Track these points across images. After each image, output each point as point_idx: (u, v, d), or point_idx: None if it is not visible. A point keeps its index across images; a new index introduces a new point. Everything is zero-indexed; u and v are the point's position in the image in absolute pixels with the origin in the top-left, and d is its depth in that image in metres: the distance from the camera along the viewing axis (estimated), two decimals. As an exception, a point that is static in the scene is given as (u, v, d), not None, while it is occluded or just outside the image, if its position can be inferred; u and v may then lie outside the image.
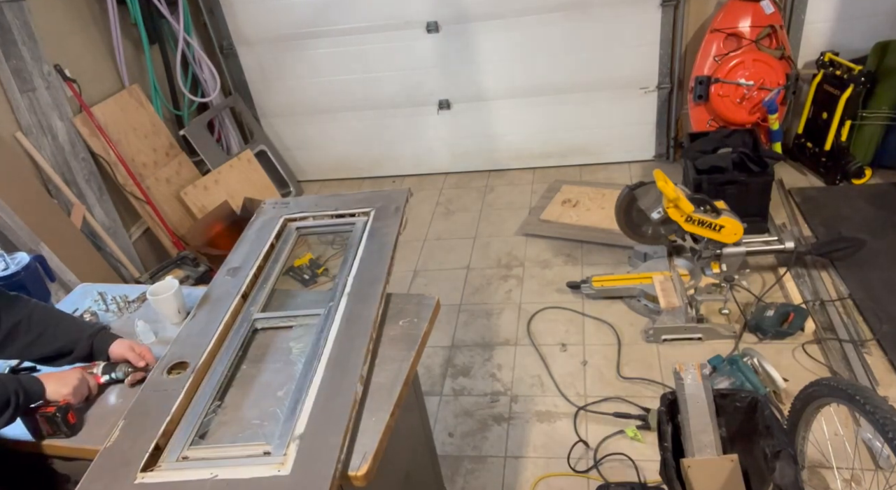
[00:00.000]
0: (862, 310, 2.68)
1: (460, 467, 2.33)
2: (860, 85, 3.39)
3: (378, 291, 1.60)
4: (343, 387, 1.34)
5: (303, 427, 1.26)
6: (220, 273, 1.80)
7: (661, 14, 3.71)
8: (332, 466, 1.16)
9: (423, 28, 3.95)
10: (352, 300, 1.60)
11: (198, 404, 1.40)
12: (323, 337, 1.49)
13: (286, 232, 1.99)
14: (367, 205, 2.00)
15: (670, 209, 2.68)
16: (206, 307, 1.68)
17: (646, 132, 4.15)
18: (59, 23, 3.31)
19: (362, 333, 1.48)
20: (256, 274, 1.79)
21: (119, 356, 1.57)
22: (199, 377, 1.47)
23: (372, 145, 4.45)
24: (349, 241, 1.88)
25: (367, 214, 1.96)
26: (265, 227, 1.99)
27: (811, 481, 2.03)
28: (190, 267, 3.46)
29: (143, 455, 1.26)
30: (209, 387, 1.44)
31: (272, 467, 1.18)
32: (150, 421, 1.34)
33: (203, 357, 1.50)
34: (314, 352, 1.46)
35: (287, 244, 1.94)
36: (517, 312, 3.06)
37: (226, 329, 1.60)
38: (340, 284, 1.67)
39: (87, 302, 1.89)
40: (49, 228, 2.97)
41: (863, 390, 1.53)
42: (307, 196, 2.20)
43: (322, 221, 2.02)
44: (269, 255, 1.87)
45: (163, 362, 1.51)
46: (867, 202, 3.39)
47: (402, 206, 1.96)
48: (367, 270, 1.70)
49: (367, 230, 1.87)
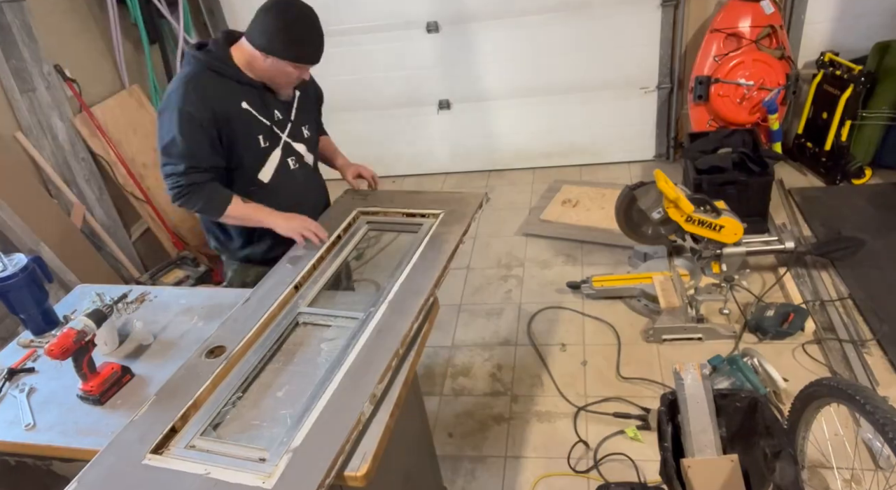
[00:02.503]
0: (862, 310, 2.68)
1: (460, 467, 2.33)
2: (860, 85, 3.39)
3: (418, 305, 1.57)
4: (352, 404, 1.31)
5: (300, 439, 1.24)
6: (283, 259, 1.85)
7: (661, 14, 3.71)
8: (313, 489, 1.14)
9: (424, 28, 3.95)
10: (390, 309, 1.58)
11: (221, 393, 1.42)
12: (352, 344, 1.48)
13: (357, 224, 2.01)
14: (439, 206, 1.99)
15: (670, 209, 2.68)
16: (260, 293, 1.70)
17: (646, 132, 4.15)
18: (59, 23, 3.31)
19: (389, 348, 1.45)
20: (315, 264, 1.81)
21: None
22: (230, 365, 1.49)
23: (372, 145, 4.46)
24: (407, 245, 1.86)
25: (436, 217, 1.95)
26: (338, 216, 2.01)
27: (811, 481, 2.02)
28: (190, 267, 3.46)
29: (157, 436, 1.29)
30: (237, 377, 1.46)
31: (259, 477, 1.18)
32: (175, 402, 1.37)
33: (239, 345, 1.52)
34: (339, 359, 1.45)
35: (354, 237, 1.96)
36: (517, 312, 3.05)
37: (270, 319, 1.62)
38: (386, 289, 1.65)
39: (86, 302, 1.89)
40: (49, 228, 2.97)
41: (863, 390, 1.53)
42: (385, 190, 2.23)
43: (392, 218, 2.03)
44: (333, 246, 1.89)
45: (204, 344, 1.54)
46: (867, 202, 3.39)
47: (470, 213, 1.95)
48: (414, 279, 1.68)
49: (430, 235, 1.86)
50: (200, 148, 1.78)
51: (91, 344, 1.51)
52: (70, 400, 1.52)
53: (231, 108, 1.81)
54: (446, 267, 1.72)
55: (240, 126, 1.83)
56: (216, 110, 1.78)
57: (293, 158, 1.98)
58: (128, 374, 1.57)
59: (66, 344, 1.45)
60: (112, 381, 1.52)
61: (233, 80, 1.82)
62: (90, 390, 1.49)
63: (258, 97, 1.86)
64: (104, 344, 1.66)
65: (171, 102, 1.77)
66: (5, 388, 1.60)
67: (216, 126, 1.79)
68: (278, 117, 1.92)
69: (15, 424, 1.48)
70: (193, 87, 1.77)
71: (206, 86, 1.78)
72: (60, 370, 1.59)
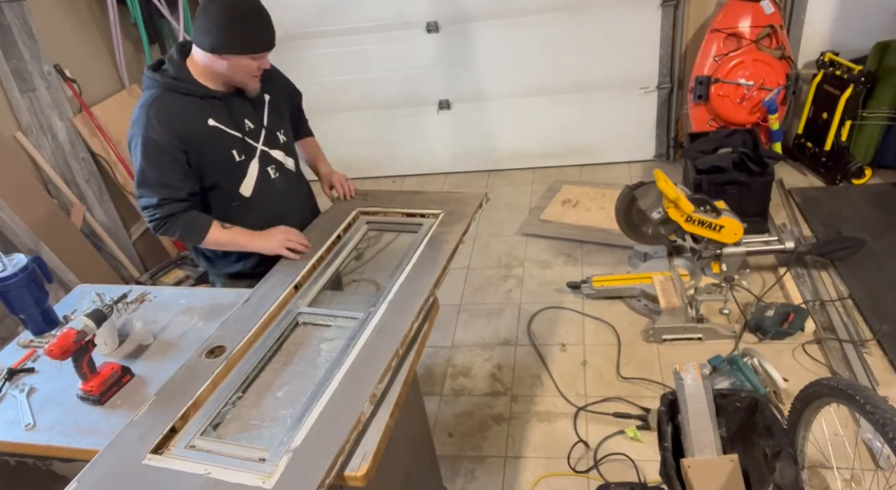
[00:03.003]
0: (862, 310, 2.68)
1: (460, 467, 2.33)
2: (860, 85, 3.39)
3: (418, 305, 1.57)
4: (352, 403, 1.31)
5: (301, 439, 1.24)
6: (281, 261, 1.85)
7: (661, 14, 3.71)
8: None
9: (423, 28, 3.95)
10: (390, 309, 1.58)
11: (221, 393, 1.42)
12: (352, 344, 1.48)
13: (357, 224, 2.01)
14: (439, 206, 1.99)
15: (670, 209, 2.69)
16: (260, 293, 1.70)
17: (646, 132, 4.15)
18: (59, 23, 3.31)
19: (389, 348, 1.45)
20: (316, 264, 1.81)
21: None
22: (230, 365, 1.49)
23: (372, 145, 4.45)
24: (407, 245, 1.86)
25: (435, 217, 1.95)
26: (338, 216, 2.01)
27: (811, 481, 2.03)
28: (190, 267, 3.46)
29: (157, 436, 1.29)
30: (237, 377, 1.46)
31: (259, 477, 1.18)
32: (175, 402, 1.37)
33: (239, 345, 1.52)
34: (339, 359, 1.44)
35: (354, 237, 1.96)
36: (517, 312, 3.05)
37: (270, 318, 1.62)
38: (385, 290, 1.65)
39: (86, 303, 1.89)
40: (49, 228, 2.97)
41: (863, 390, 1.53)
42: (385, 190, 2.23)
43: (392, 218, 2.03)
44: (333, 246, 1.89)
45: (204, 344, 1.54)
46: (867, 202, 3.39)
47: (470, 213, 1.95)
48: (414, 279, 1.67)
49: (429, 235, 1.86)
50: (171, 176, 1.73)
51: (91, 344, 1.51)
52: (70, 400, 1.52)
53: (197, 129, 1.75)
54: (446, 267, 1.72)
55: (210, 145, 1.77)
56: (181, 133, 1.71)
57: (273, 167, 1.92)
58: (128, 374, 1.57)
59: (66, 344, 1.44)
60: (112, 382, 1.52)
61: (195, 96, 1.75)
62: (90, 390, 1.49)
63: (225, 110, 1.80)
64: (104, 344, 1.66)
65: (135, 132, 1.71)
66: (5, 388, 1.60)
67: (184, 150, 1.73)
68: (249, 127, 1.85)
69: (15, 424, 1.47)
70: (155, 113, 1.70)
71: (168, 109, 1.71)
72: (60, 370, 1.59)
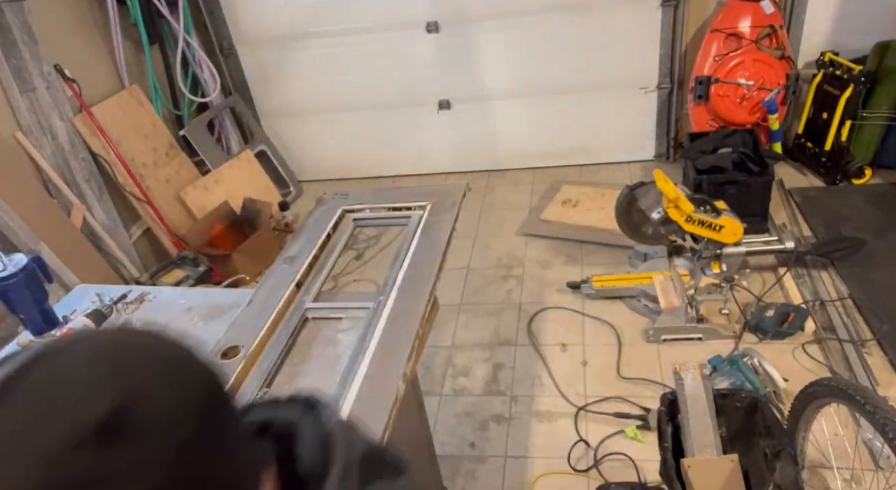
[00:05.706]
0: (862, 310, 2.68)
1: (460, 467, 2.33)
2: (860, 85, 3.39)
3: (428, 288, 1.61)
4: (387, 383, 1.33)
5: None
6: (277, 261, 1.84)
7: (661, 14, 3.71)
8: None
9: (423, 28, 3.95)
10: (401, 296, 1.60)
11: (247, 390, 1.42)
12: (370, 331, 1.50)
13: (343, 223, 2.02)
14: (424, 199, 2.01)
15: (670, 209, 2.68)
16: (262, 294, 1.70)
17: (646, 132, 4.14)
18: (59, 23, 3.31)
19: (409, 330, 1.47)
20: (312, 263, 1.82)
21: None
22: (249, 363, 1.49)
23: (372, 145, 4.45)
24: (403, 236, 1.89)
25: (423, 208, 1.97)
26: (323, 217, 2.02)
27: (811, 481, 2.02)
28: (190, 267, 3.46)
29: None
30: (259, 372, 1.46)
31: None
32: None
33: (255, 343, 1.52)
34: (361, 345, 1.46)
35: (343, 235, 1.97)
36: (517, 312, 3.05)
37: (279, 317, 1.63)
38: (391, 279, 1.67)
39: (86, 303, 1.89)
40: (49, 228, 2.97)
41: (863, 390, 1.53)
42: (367, 189, 2.25)
43: (379, 214, 2.04)
44: (325, 245, 1.90)
45: (217, 346, 1.53)
46: (867, 202, 3.39)
47: (458, 200, 1.97)
48: (418, 267, 1.70)
49: (422, 225, 1.88)
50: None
51: None
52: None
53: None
54: (446, 252, 1.75)
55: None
56: None
57: None
58: None
59: None
60: None
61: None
62: None
63: None
64: None
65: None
66: (5, 388, 1.59)
67: None
68: None
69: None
70: None
71: None
72: (60, 370, 1.59)
